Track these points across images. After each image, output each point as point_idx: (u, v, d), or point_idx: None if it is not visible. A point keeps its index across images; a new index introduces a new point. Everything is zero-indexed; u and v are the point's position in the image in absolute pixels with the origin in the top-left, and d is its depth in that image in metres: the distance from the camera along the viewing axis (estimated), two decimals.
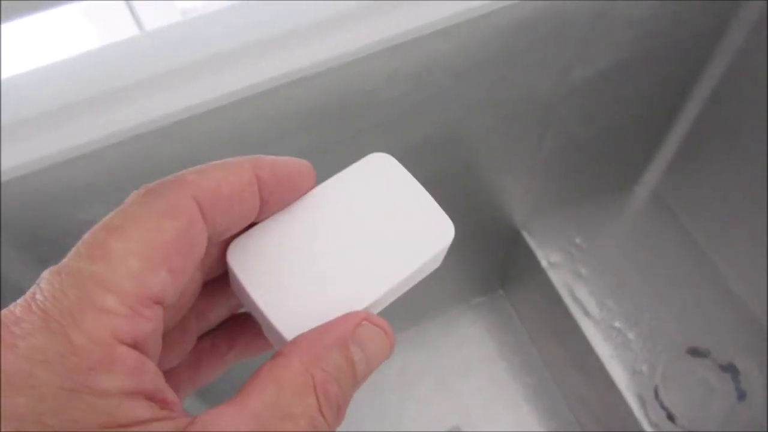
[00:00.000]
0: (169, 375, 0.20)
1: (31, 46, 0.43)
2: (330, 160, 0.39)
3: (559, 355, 0.64)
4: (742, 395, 0.51)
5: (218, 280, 0.21)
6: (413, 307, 0.68)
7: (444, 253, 0.21)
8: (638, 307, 0.57)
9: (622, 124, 0.52)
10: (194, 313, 0.21)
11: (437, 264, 0.21)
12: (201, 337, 0.22)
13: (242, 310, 0.23)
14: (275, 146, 0.36)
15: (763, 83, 0.47)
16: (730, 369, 0.52)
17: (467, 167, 0.48)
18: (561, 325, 0.60)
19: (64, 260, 0.16)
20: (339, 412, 0.17)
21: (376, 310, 0.20)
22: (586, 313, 0.57)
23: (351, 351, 0.18)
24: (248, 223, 0.19)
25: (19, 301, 0.15)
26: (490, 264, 0.67)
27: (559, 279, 0.59)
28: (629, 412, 0.53)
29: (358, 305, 0.19)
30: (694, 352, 0.53)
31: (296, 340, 0.18)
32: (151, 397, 0.15)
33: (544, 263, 0.60)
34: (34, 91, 0.33)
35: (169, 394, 0.16)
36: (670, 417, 0.51)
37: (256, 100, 0.33)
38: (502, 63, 0.38)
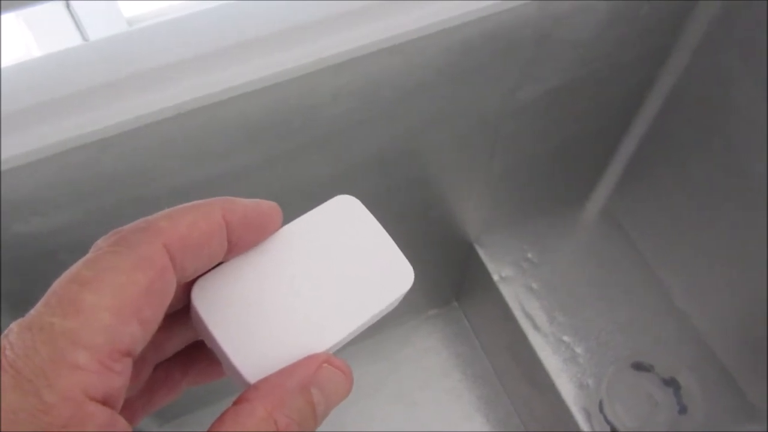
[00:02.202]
0: (124, 404, 0.20)
1: None
2: (276, 175, 0.39)
3: (511, 367, 0.65)
4: (683, 409, 0.52)
5: (177, 312, 0.21)
6: None
7: (402, 297, 0.22)
8: (586, 322, 0.58)
9: (571, 142, 0.53)
10: (152, 345, 0.21)
11: (395, 306, 0.22)
12: (156, 365, 0.22)
13: (198, 339, 0.23)
14: (220, 160, 0.36)
15: (705, 104, 0.48)
16: (672, 383, 0.53)
17: (419, 182, 0.49)
18: (512, 338, 0.61)
19: (33, 313, 0.15)
20: None
21: (335, 350, 0.21)
22: (536, 327, 0.58)
23: (312, 393, 0.18)
24: (215, 263, 0.20)
25: None
26: (446, 276, 0.68)
27: (510, 293, 0.60)
28: (575, 425, 0.54)
29: (319, 347, 0.20)
30: (639, 367, 0.54)
31: (258, 385, 0.18)
32: None
33: (496, 277, 0.60)
34: None
35: None
36: (614, 430, 0.52)
37: (201, 113, 0.33)
38: (450, 81, 0.39)
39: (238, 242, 0.20)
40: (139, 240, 0.17)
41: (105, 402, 0.15)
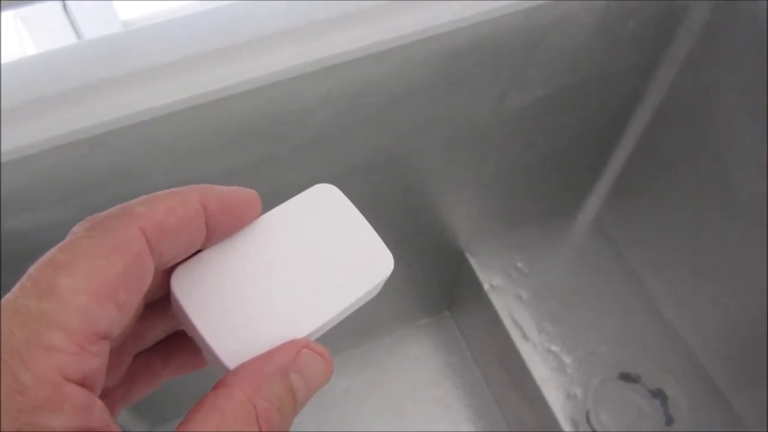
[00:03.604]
0: (104, 393, 0.20)
1: None
2: (265, 176, 0.39)
3: (500, 376, 0.65)
4: (669, 420, 0.52)
5: (157, 301, 0.21)
6: (359, 327, 0.69)
7: (382, 284, 0.22)
8: (575, 332, 0.59)
9: (562, 152, 0.53)
10: (132, 334, 0.21)
11: (375, 293, 0.22)
12: (136, 355, 0.22)
13: (179, 329, 0.23)
14: (209, 160, 0.36)
15: (693, 117, 0.49)
16: (659, 394, 0.53)
17: (409, 189, 0.49)
18: (501, 347, 0.61)
19: (9, 296, 0.15)
20: None
21: (315, 337, 0.21)
22: (525, 336, 0.58)
23: (291, 378, 0.18)
24: (194, 251, 0.20)
25: None
26: (437, 285, 0.68)
27: (500, 302, 0.60)
28: None
29: (299, 333, 0.20)
30: (626, 378, 0.54)
31: (238, 370, 0.18)
32: None
33: (486, 286, 0.61)
34: None
35: (115, 428, 0.16)
36: None
37: (191, 113, 0.33)
38: (438, 88, 0.40)
39: (217, 229, 0.20)
40: (115, 225, 0.17)
41: (82, 384, 0.15)
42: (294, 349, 0.19)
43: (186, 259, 0.20)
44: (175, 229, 0.18)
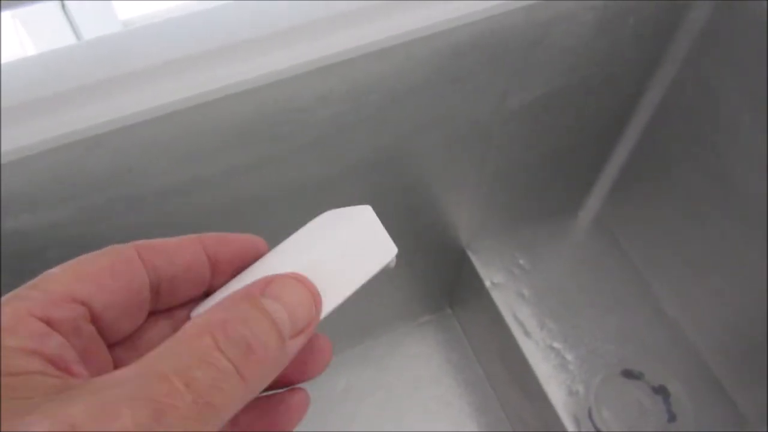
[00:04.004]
0: None
1: None
2: (265, 176, 0.39)
3: (502, 374, 0.65)
4: (672, 417, 0.52)
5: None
6: (361, 325, 0.69)
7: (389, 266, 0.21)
8: (577, 329, 0.59)
9: (563, 150, 0.53)
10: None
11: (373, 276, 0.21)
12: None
13: None
14: (209, 160, 0.36)
15: (693, 114, 0.49)
16: (661, 391, 0.53)
17: (410, 187, 0.49)
18: (503, 344, 0.61)
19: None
20: (251, 351, 0.16)
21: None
22: (527, 334, 0.58)
23: (263, 302, 0.17)
24: (200, 283, 0.21)
25: None
26: (439, 282, 0.68)
27: (501, 299, 0.60)
28: (564, 431, 0.54)
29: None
30: (629, 374, 0.54)
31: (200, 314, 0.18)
32: (52, 362, 0.16)
33: (487, 283, 0.61)
34: None
35: (77, 366, 0.17)
36: None
37: (190, 113, 0.33)
38: (439, 86, 0.39)
39: (219, 261, 0.20)
40: (111, 246, 0.19)
41: (47, 323, 0.17)
42: (263, 281, 0.18)
43: (203, 300, 0.21)
44: (169, 250, 0.20)
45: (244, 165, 0.37)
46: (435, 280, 0.67)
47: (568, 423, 0.54)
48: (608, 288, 0.61)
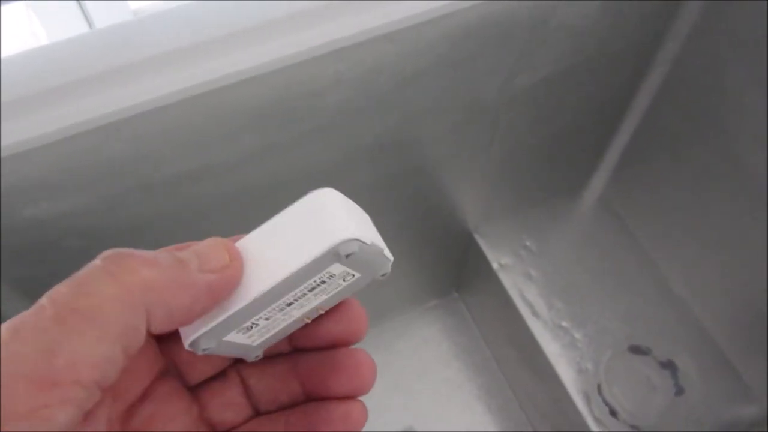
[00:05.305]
0: None
1: None
2: (278, 161, 0.40)
3: (511, 355, 0.65)
4: (680, 391, 0.53)
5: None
6: (369, 310, 0.69)
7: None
8: (585, 308, 0.59)
9: (568, 131, 0.54)
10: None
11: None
12: None
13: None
14: (223, 146, 0.37)
15: (698, 92, 0.49)
16: (669, 366, 0.54)
17: (418, 170, 0.49)
18: (512, 325, 0.61)
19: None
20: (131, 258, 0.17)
21: (266, 308, 0.20)
22: (535, 314, 0.59)
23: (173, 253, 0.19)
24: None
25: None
26: (445, 267, 0.69)
27: (509, 281, 0.60)
28: (575, 408, 0.55)
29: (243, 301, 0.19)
30: (636, 350, 0.55)
31: None
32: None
33: (495, 265, 0.61)
34: None
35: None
36: (613, 412, 0.53)
37: (203, 99, 0.34)
38: (447, 69, 0.40)
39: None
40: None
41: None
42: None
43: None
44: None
45: (257, 149, 0.38)
46: (442, 264, 0.68)
47: (578, 400, 0.55)
48: (614, 266, 0.61)
